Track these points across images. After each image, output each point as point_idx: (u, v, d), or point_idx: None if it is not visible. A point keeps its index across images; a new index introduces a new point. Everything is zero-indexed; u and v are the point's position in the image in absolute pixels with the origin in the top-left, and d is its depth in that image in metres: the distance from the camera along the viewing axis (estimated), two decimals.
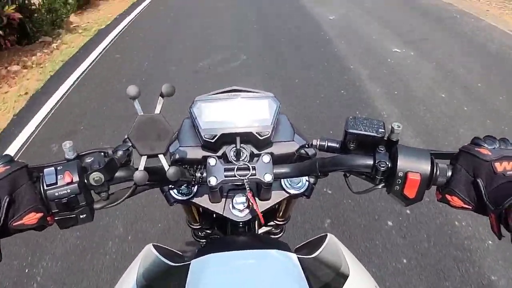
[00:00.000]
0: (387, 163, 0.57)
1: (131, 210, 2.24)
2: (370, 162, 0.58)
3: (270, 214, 0.92)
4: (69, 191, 0.52)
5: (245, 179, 0.62)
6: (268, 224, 0.95)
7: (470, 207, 0.53)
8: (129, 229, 2.13)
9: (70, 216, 0.54)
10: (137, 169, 0.52)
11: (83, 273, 1.89)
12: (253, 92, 0.69)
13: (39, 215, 0.51)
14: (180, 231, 2.08)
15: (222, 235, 0.94)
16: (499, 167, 0.50)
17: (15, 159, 0.54)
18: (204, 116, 0.67)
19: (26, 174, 0.52)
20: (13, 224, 0.50)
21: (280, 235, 0.99)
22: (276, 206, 0.78)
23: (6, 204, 0.48)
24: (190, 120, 0.72)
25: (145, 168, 0.52)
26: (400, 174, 0.54)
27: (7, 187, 0.49)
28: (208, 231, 0.97)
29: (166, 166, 0.53)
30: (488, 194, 0.49)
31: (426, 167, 0.54)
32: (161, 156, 0.52)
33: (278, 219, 0.93)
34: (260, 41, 5.06)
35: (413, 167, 0.54)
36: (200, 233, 0.97)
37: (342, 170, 0.62)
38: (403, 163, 0.55)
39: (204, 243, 0.99)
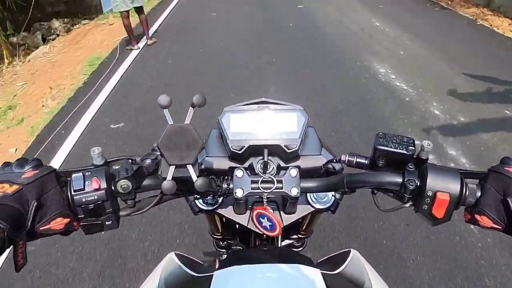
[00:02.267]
0: (416, 182, 0.55)
1: None
2: (399, 180, 0.56)
3: (293, 227, 0.90)
4: (96, 197, 0.52)
5: (265, 193, 0.62)
6: (291, 237, 0.94)
7: (500, 227, 0.52)
8: None
9: (96, 222, 0.54)
10: (165, 178, 0.52)
11: None
12: (282, 104, 0.69)
13: (66, 220, 0.52)
14: None
15: (244, 246, 0.93)
16: None
17: (44, 164, 0.55)
18: (233, 127, 0.67)
19: (55, 179, 0.52)
20: (40, 229, 0.50)
21: (302, 248, 0.98)
22: (300, 219, 0.77)
23: (34, 208, 0.48)
24: (218, 130, 0.72)
25: (173, 178, 0.52)
26: (429, 193, 0.53)
27: (36, 191, 0.49)
28: (230, 242, 0.96)
29: (194, 177, 0.53)
30: None
31: (456, 187, 0.53)
32: (189, 167, 0.52)
33: (301, 232, 0.91)
34: None
35: (443, 186, 0.53)
36: (222, 243, 0.97)
37: (370, 187, 0.61)
38: (432, 182, 0.53)
39: (226, 253, 0.98)
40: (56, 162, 2.87)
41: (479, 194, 0.53)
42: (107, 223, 0.55)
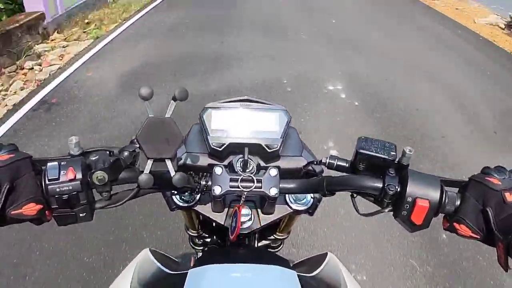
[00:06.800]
0: (396, 187, 0.55)
1: None
2: (379, 184, 0.57)
3: (270, 228, 0.90)
4: (70, 187, 0.51)
5: (245, 191, 0.61)
6: (268, 238, 0.93)
7: (478, 237, 0.52)
8: None
9: (70, 214, 0.53)
10: (142, 171, 0.51)
11: None
12: (265, 103, 0.68)
13: (39, 207, 0.51)
14: None
15: (220, 244, 0.92)
16: (509, 197, 0.49)
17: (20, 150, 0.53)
18: (214, 123, 0.66)
19: (30, 165, 0.51)
20: (11, 213, 0.49)
21: (279, 249, 0.98)
22: (278, 220, 0.77)
23: (5, 191, 0.47)
24: (199, 126, 0.71)
25: (151, 172, 0.51)
26: (409, 199, 0.53)
27: (9, 174, 0.49)
28: (206, 240, 0.95)
29: (172, 172, 0.51)
30: (497, 224, 0.49)
31: (435, 194, 0.53)
32: (168, 161, 0.51)
33: (278, 233, 0.91)
34: None
35: (423, 193, 0.53)
36: (198, 241, 0.96)
37: (350, 190, 0.61)
38: (412, 188, 0.53)
39: (201, 250, 0.97)
40: None
41: (458, 202, 0.54)
42: (81, 215, 0.54)
